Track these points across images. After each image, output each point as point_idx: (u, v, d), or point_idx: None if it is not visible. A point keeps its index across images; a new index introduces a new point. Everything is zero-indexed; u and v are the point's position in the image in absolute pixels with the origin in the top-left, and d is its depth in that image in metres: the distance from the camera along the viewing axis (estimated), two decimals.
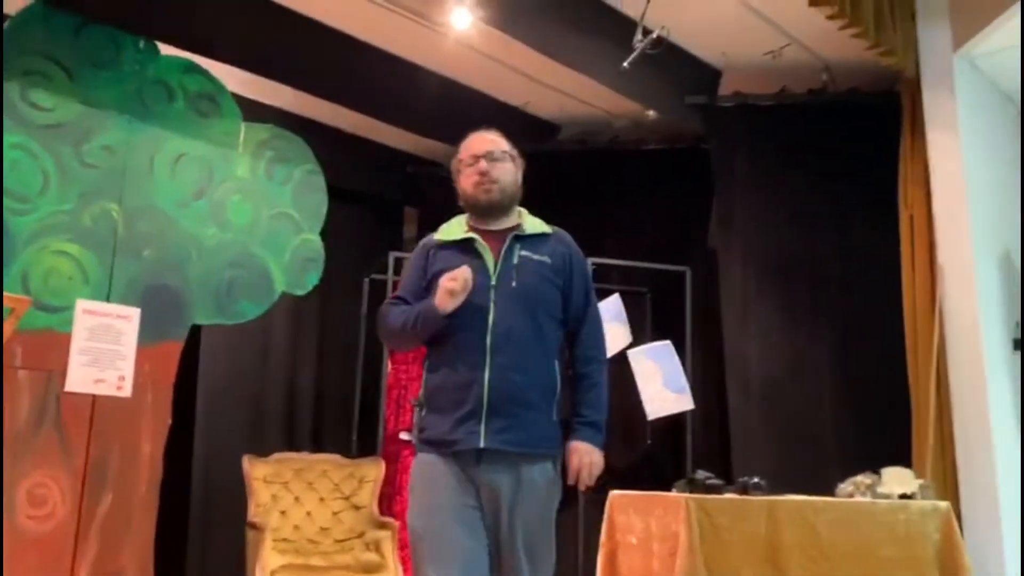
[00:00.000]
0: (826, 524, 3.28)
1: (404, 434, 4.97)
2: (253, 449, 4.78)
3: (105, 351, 3.77)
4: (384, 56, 4.87)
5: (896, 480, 3.52)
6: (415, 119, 5.38)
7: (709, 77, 5.23)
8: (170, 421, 3.98)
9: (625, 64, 3.77)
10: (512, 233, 2.35)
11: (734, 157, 5.05)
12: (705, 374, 5.32)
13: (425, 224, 5.99)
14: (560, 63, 4.54)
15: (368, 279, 5.38)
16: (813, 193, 4.92)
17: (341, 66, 4.65)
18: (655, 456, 5.32)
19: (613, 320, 4.81)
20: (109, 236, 3.87)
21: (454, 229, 2.40)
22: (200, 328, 4.45)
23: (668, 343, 4.86)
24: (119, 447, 3.80)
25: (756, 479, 3.32)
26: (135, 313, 3.89)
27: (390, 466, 4.63)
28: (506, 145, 2.43)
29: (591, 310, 2.41)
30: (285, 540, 4.13)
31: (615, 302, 4.89)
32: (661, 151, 5.79)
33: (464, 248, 2.33)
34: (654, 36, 3.74)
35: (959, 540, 3.45)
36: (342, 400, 5.85)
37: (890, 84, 4.81)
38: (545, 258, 2.33)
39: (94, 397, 3.74)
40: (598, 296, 4.83)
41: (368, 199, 6.15)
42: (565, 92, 5.51)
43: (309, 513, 4.33)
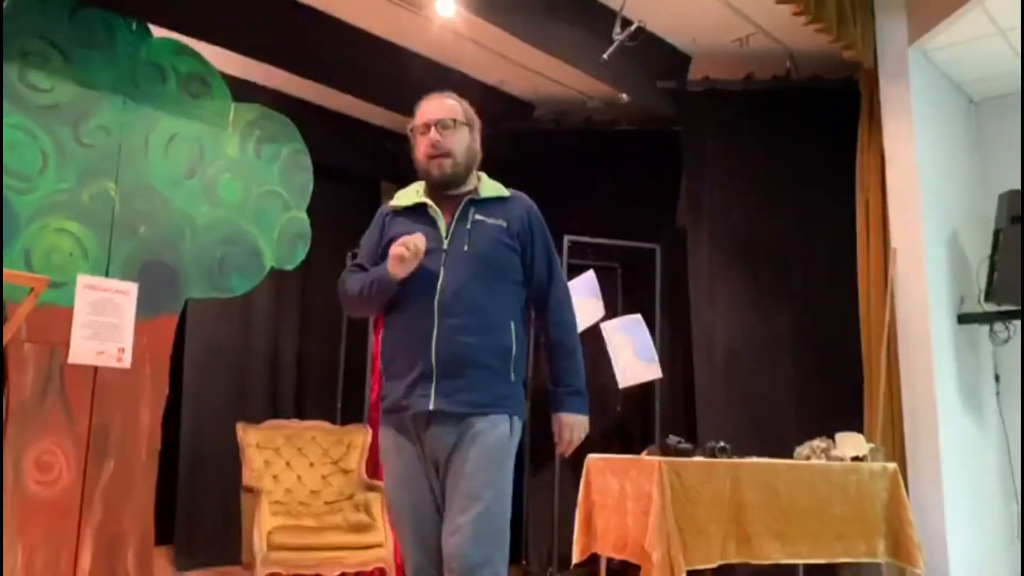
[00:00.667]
0: (785, 484, 3.59)
1: None
2: (238, 417, 4.98)
3: (105, 324, 3.93)
4: (368, 37, 5.01)
5: (849, 444, 3.83)
6: (396, 98, 5.52)
7: (679, 62, 5.45)
8: (167, 391, 4.16)
9: (605, 56, 3.98)
10: (467, 198, 2.32)
11: (703, 140, 5.29)
12: (672, 346, 5.61)
13: None
14: (539, 49, 4.73)
15: (351, 252, 5.54)
16: (776, 175, 5.19)
17: (327, 48, 4.79)
18: (625, 422, 5.62)
19: (588, 295, 5.07)
20: (107, 214, 4.01)
21: (409, 195, 2.38)
22: (187, 301, 4.61)
23: (639, 317, 5.13)
24: (120, 416, 3.97)
25: (722, 443, 3.61)
26: (133, 288, 4.04)
27: (375, 432, 4.84)
28: (460, 111, 2.35)
29: (555, 273, 2.39)
30: (278, 503, 4.35)
31: (590, 278, 5.14)
32: (633, 132, 6.01)
33: (418, 214, 2.32)
34: (633, 28, 3.93)
35: (905, 498, 3.79)
36: (324, 370, 6.06)
37: (850, 72, 5.08)
38: (500, 222, 2.30)
39: (96, 368, 3.90)
40: (573, 272, 5.15)
41: (346, 174, 6.30)
42: (540, 73, 5.70)
43: (300, 477, 4.55)
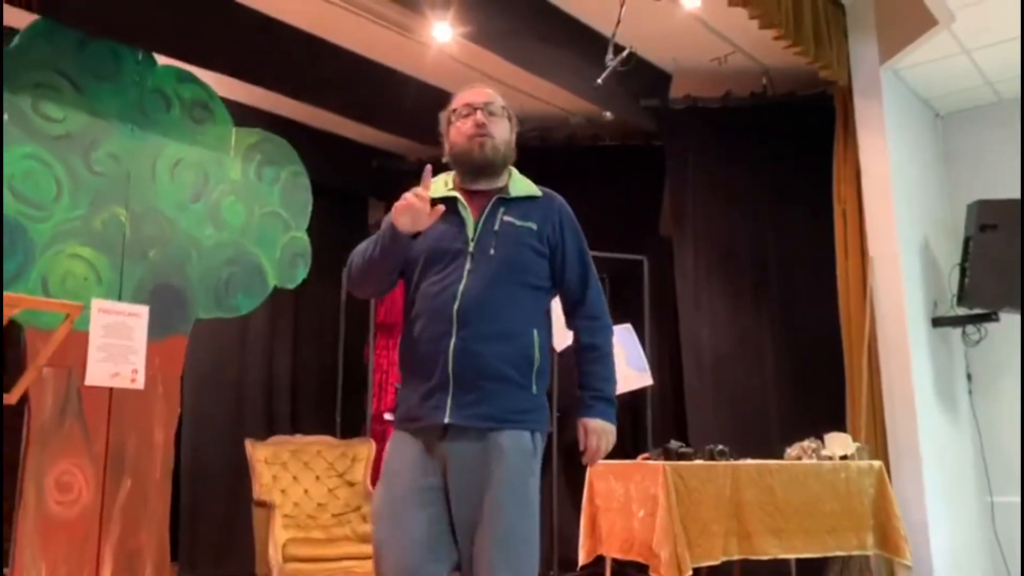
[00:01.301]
0: (780, 483, 3.80)
1: (388, 415, 5.34)
2: (236, 434, 5.09)
3: (119, 347, 4.04)
4: (359, 60, 5.17)
5: (837, 443, 4.06)
6: (386, 117, 5.68)
7: (661, 81, 5.68)
8: (179, 410, 4.27)
9: (599, 81, 4.17)
10: (496, 196, 2.18)
11: (685, 155, 5.52)
12: (660, 353, 5.82)
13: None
14: (532, 73, 4.93)
15: (347, 268, 5.69)
16: (756, 187, 5.43)
17: (324, 72, 4.94)
18: (617, 429, 5.80)
19: None
20: (118, 239, 4.12)
21: (437, 186, 2.20)
22: None
23: (629, 326, 5.33)
24: (135, 435, 4.08)
25: (721, 447, 3.81)
26: (144, 311, 4.15)
27: (378, 445, 4.98)
28: (504, 102, 2.26)
29: (590, 276, 2.26)
30: (287, 516, 4.47)
31: None
32: (615, 147, 6.23)
33: (446, 208, 2.15)
34: (625, 54, 4.14)
35: (891, 494, 4.03)
36: (319, 384, 6.18)
37: (823, 87, 5.33)
38: (531, 224, 2.16)
39: (111, 390, 4.01)
40: None
41: (336, 192, 6.43)
42: (524, 91, 5.89)
43: (307, 491, 4.67)
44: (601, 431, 2.20)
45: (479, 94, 2.23)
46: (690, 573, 3.39)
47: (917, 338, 4.64)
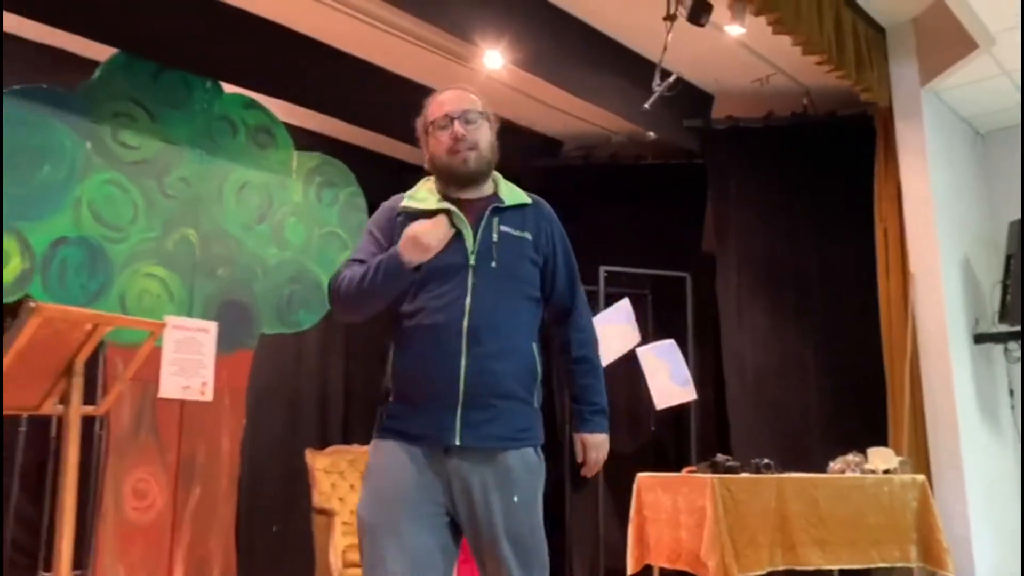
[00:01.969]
0: (824, 496, 3.91)
1: None
2: (290, 443, 5.30)
3: (190, 361, 4.26)
4: (415, 87, 5.37)
5: (880, 458, 4.16)
6: None
7: (703, 101, 5.83)
8: (244, 421, 4.48)
9: (647, 105, 4.33)
10: (491, 205, 2.11)
11: (728, 174, 5.66)
12: (702, 368, 5.94)
13: None
14: (577, 96, 5.10)
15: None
16: (797, 205, 5.54)
17: (380, 98, 5.14)
18: (659, 441, 5.94)
19: (623, 321, 5.40)
20: (189, 258, 4.35)
21: (423, 195, 2.14)
22: None
23: (672, 342, 5.46)
24: (204, 445, 4.30)
25: (767, 460, 3.93)
26: (213, 326, 4.38)
27: None
28: (481, 104, 2.15)
29: (578, 286, 2.24)
30: (344, 523, 4.65)
31: (625, 305, 5.47)
32: (657, 165, 6.37)
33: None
34: (672, 79, 4.29)
35: (933, 507, 4.12)
36: (370, 395, 6.38)
37: (863, 107, 5.44)
38: (526, 234, 2.11)
39: (182, 402, 4.23)
40: (609, 301, 5.48)
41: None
42: (568, 112, 6.07)
43: None
44: (600, 444, 2.19)
45: (456, 100, 2.13)
46: None
47: (959, 354, 4.72)
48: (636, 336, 5.44)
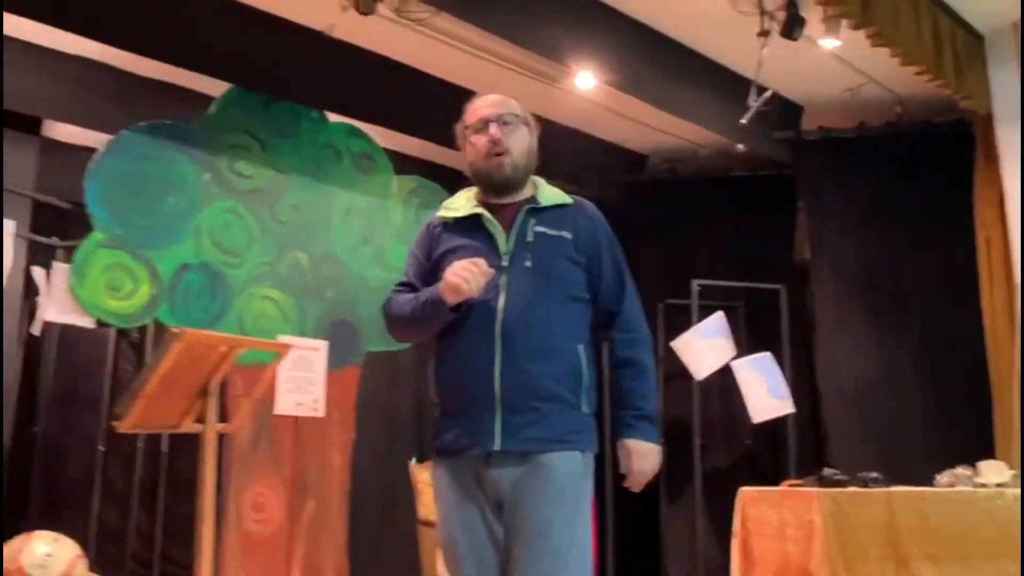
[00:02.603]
0: (934, 511, 3.88)
1: None
2: (387, 457, 5.45)
3: (303, 378, 4.46)
4: None
5: (992, 471, 4.09)
6: None
7: (792, 113, 5.81)
8: (354, 436, 4.66)
9: (743, 120, 4.37)
10: (525, 207, 2.09)
11: (820, 185, 5.64)
12: (797, 380, 5.90)
13: None
14: (667, 112, 5.17)
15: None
16: (893, 215, 5.49)
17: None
18: (754, 454, 5.92)
19: (718, 335, 5.42)
20: (300, 281, 4.55)
21: (459, 203, 2.14)
22: None
23: (769, 355, 5.45)
24: (317, 460, 4.49)
25: (875, 474, 3.92)
26: (323, 345, 4.57)
27: None
28: (519, 108, 2.14)
29: (627, 287, 2.16)
30: None
31: (719, 318, 5.49)
32: (744, 177, 6.38)
33: (471, 226, 2.09)
34: (768, 95, 4.33)
35: None
36: None
37: (959, 114, 5.35)
38: (565, 233, 2.07)
39: (296, 418, 4.43)
40: (702, 314, 5.50)
41: None
42: (655, 127, 6.11)
43: None
44: (645, 452, 2.05)
45: (492, 105, 2.12)
46: None
47: None
48: (731, 349, 5.45)
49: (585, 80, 4.79)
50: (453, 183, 5.51)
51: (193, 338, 2.90)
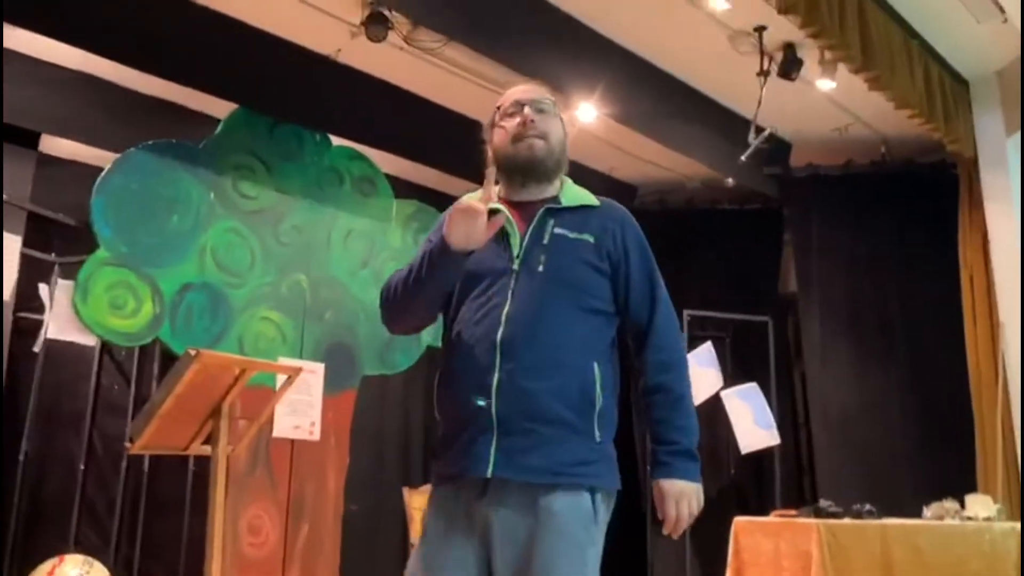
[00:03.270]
0: (927, 543, 3.96)
1: None
2: (376, 481, 5.44)
3: (300, 401, 4.44)
4: None
5: (980, 505, 4.20)
6: None
7: (781, 149, 5.95)
8: (348, 459, 4.64)
9: (743, 158, 4.48)
10: (544, 206, 1.87)
11: (809, 220, 5.78)
12: (782, 411, 6.00)
13: None
14: (665, 145, 5.28)
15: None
16: (880, 251, 5.65)
17: (474, 149, 5.34)
18: (740, 485, 5.99)
19: (707, 365, 5.50)
20: (300, 303, 4.55)
21: (477, 196, 1.85)
22: None
23: (755, 385, 5.55)
24: (312, 484, 4.46)
25: (868, 506, 4.00)
26: (321, 368, 4.56)
27: None
28: (554, 99, 1.96)
29: (660, 301, 1.89)
30: None
31: (708, 348, 5.58)
32: (733, 210, 6.50)
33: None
34: (766, 134, 4.45)
35: None
36: None
37: (941, 155, 5.53)
38: (587, 237, 1.84)
39: (293, 441, 4.40)
40: (692, 344, 5.59)
41: None
42: (645, 159, 6.23)
43: None
44: (681, 494, 1.77)
45: (528, 91, 1.93)
46: None
47: None
48: (719, 380, 5.54)
49: (587, 112, 4.87)
50: (439, 203, 5.61)
51: (210, 360, 2.90)
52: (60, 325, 3.80)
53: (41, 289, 3.95)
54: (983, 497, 4.28)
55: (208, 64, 4.23)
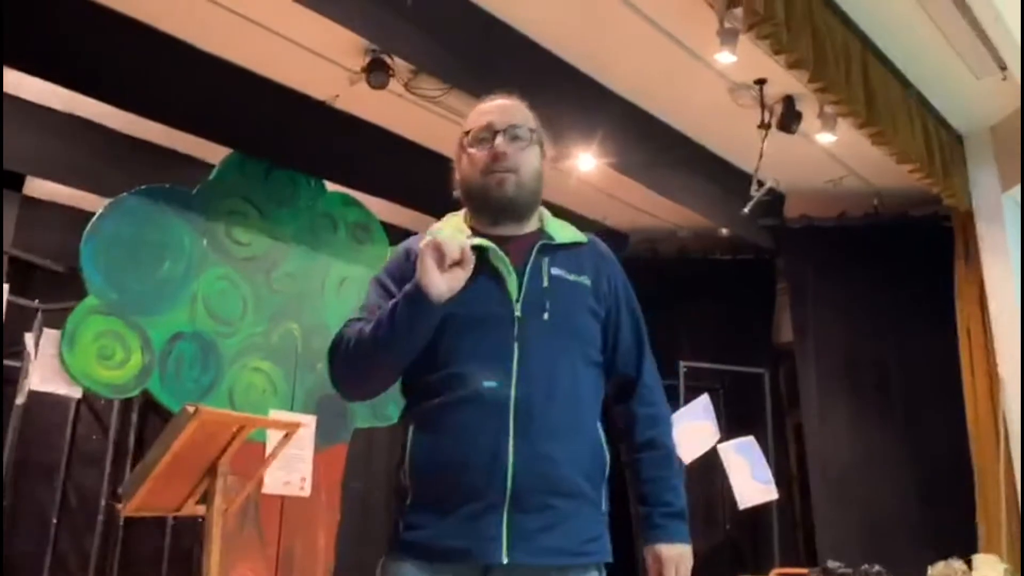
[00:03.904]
0: None
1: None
2: (363, 536, 5.26)
3: (291, 456, 4.28)
4: None
5: (987, 565, 4.13)
6: None
7: (775, 200, 5.96)
8: (339, 516, 4.48)
9: (745, 210, 4.45)
10: (538, 242, 1.67)
11: (804, 271, 5.77)
12: (779, 465, 5.92)
13: None
14: (661, 195, 5.25)
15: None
16: (875, 303, 5.62)
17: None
18: (735, 542, 5.88)
19: (704, 418, 5.41)
20: (291, 352, 4.42)
21: (450, 231, 1.65)
22: None
23: (752, 439, 5.45)
24: (302, 540, 4.29)
25: (877, 567, 3.91)
26: (313, 420, 4.41)
27: None
28: (533, 121, 1.73)
29: (645, 349, 1.76)
30: None
31: (705, 401, 5.48)
32: (726, 260, 6.49)
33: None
34: (767, 187, 4.43)
35: None
36: None
37: (933, 208, 5.56)
38: (584, 279, 1.67)
39: (283, 497, 4.24)
40: (689, 395, 5.51)
41: None
42: (637, 207, 6.20)
43: None
44: (681, 558, 1.65)
45: (502, 111, 1.71)
46: None
47: None
48: (716, 433, 5.44)
49: (586, 162, 4.83)
50: None
51: (209, 417, 2.77)
52: (44, 375, 3.64)
53: (26, 338, 3.79)
54: (990, 557, 4.21)
55: (202, 107, 4.15)
